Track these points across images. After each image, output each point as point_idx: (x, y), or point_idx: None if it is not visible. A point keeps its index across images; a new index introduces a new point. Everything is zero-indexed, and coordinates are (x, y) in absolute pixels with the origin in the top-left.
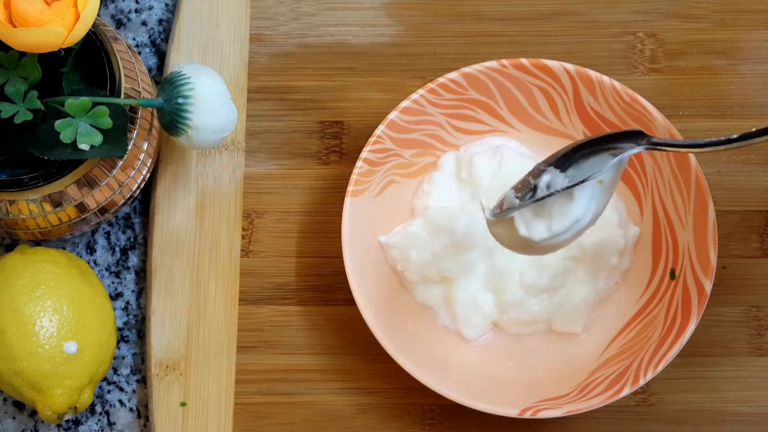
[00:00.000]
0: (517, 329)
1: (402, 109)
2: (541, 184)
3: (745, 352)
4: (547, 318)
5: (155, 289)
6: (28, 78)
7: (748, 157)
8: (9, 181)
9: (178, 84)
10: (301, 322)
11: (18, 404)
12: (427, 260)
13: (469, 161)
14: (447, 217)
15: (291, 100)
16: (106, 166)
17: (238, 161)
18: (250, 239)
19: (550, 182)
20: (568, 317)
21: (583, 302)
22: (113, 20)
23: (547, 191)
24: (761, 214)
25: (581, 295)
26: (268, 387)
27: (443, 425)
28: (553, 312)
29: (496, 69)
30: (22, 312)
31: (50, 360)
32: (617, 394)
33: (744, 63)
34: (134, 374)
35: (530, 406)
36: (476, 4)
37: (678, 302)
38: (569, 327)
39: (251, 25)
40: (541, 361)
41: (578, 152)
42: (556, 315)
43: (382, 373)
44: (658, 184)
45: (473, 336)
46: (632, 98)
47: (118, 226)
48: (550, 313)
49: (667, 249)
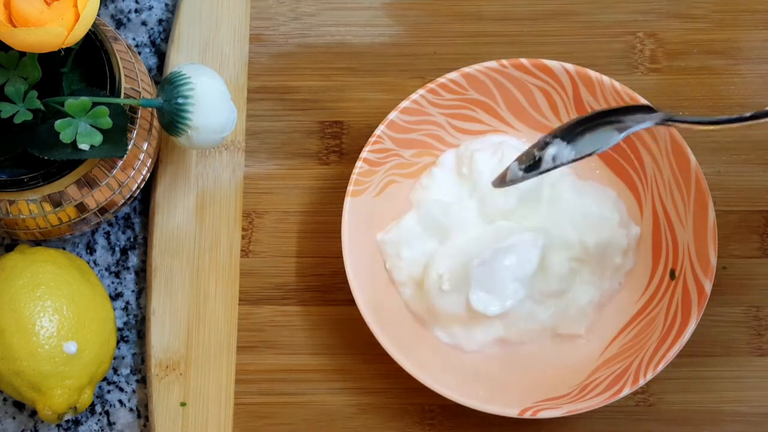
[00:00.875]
0: (523, 339)
1: (402, 109)
2: (546, 157)
3: (745, 352)
4: (554, 324)
5: (155, 289)
6: (28, 78)
7: (748, 157)
8: (9, 181)
9: (178, 84)
10: (301, 322)
11: (18, 404)
12: (417, 260)
13: (470, 157)
14: (441, 210)
15: (291, 100)
16: (106, 166)
17: (238, 161)
18: (250, 239)
19: (556, 154)
20: (573, 320)
21: (589, 304)
22: (113, 20)
23: (553, 163)
24: (761, 214)
25: (587, 297)
26: (268, 387)
27: (443, 425)
28: (560, 317)
29: (496, 69)
30: (22, 312)
31: (50, 360)
32: (617, 394)
33: (744, 63)
34: (134, 374)
35: (530, 406)
36: (476, 4)
37: (678, 302)
38: (573, 329)
39: (251, 25)
40: (541, 361)
41: (584, 125)
42: (561, 320)
43: (382, 373)
44: (658, 184)
45: (475, 349)
46: (632, 98)
47: (118, 226)
48: (557, 318)
49: (667, 249)
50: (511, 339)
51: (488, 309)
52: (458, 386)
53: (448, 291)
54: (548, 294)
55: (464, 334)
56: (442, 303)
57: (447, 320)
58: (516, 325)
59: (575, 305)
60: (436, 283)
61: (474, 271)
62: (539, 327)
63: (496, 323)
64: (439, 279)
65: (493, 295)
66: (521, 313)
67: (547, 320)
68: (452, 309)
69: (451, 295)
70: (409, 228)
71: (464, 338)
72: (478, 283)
